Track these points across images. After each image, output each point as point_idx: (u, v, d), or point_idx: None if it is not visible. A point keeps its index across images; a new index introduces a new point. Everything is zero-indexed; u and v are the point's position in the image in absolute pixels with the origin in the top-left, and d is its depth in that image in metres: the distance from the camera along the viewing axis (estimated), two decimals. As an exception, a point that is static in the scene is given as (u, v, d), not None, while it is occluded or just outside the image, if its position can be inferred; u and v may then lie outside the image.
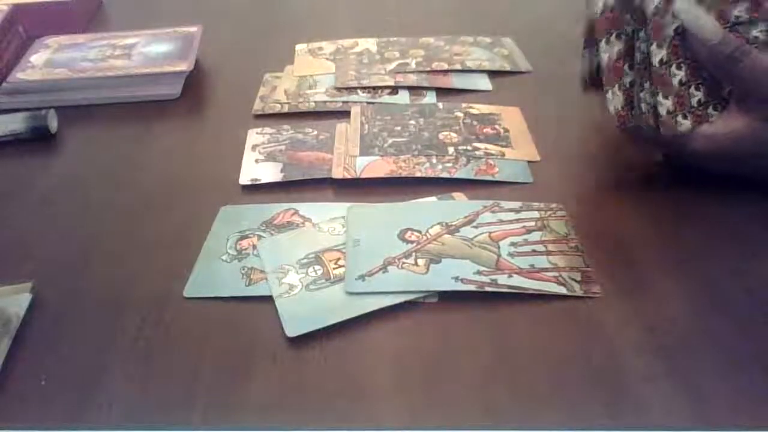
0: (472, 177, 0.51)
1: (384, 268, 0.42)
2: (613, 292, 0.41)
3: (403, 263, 0.42)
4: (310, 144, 0.56)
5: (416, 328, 0.39)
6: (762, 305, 0.39)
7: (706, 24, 0.42)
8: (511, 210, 0.47)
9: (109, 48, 0.71)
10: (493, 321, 0.39)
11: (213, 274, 0.43)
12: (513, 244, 0.44)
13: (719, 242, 0.44)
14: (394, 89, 0.64)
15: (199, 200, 0.50)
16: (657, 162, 0.51)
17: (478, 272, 0.42)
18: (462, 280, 0.41)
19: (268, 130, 0.59)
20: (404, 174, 0.51)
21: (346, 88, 0.64)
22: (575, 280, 0.41)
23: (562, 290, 0.41)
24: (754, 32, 0.42)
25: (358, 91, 0.64)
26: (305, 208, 0.49)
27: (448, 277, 0.41)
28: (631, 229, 0.46)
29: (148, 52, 0.70)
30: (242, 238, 0.46)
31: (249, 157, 0.55)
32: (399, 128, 0.57)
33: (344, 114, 0.60)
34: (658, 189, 0.49)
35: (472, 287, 0.41)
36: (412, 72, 0.66)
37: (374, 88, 0.64)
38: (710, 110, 0.44)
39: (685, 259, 0.43)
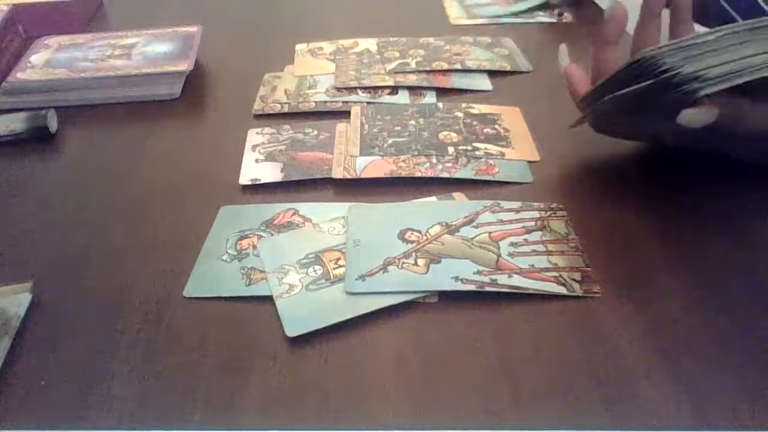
0: (472, 177, 0.51)
1: (384, 268, 0.42)
2: (613, 292, 0.41)
3: (403, 263, 0.42)
4: (310, 144, 0.56)
5: (416, 328, 0.39)
6: (762, 304, 0.39)
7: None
8: (511, 210, 0.47)
9: (109, 48, 0.71)
10: (493, 321, 0.39)
11: (213, 274, 0.43)
12: (513, 244, 0.44)
13: (720, 241, 0.44)
14: (394, 89, 0.64)
15: (199, 200, 0.50)
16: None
17: (478, 272, 0.42)
18: (462, 280, 0.41)
19: (268, 130, 0.59)
20: (404, 174, 0.51)
21: (346, 88, 0.64)
22: (575, 280, 0.41)
23: (562, 290, 0.41)
24: None
25: (358, 91, 0.64)
26: (305, 208, 0.49)
27: (448, 277, 0.41)
28: (631, 228, 0.46)
29: (148, 52, 0.70)
30: (242, 238, 0.46)
31: (249, 157, 0.55)
32: (399, 128, 0.57)
33: (344, 114, 0.60)
34: (659, 189, 0.49)
35: (472, 287, 0.41)
36: (412, 72, 0.66)
37: (374, 88, 0.64)
38: None
39: (685, 259, 0.43)
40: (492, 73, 0.67)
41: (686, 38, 0.40)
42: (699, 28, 0.49)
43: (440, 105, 0.61)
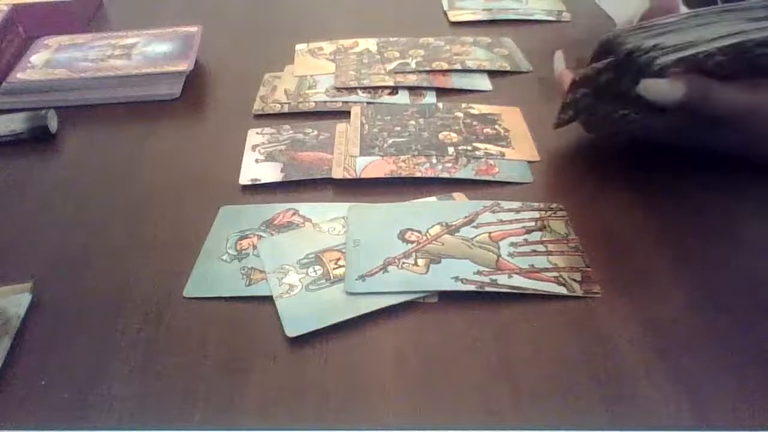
0: (472, 177, 0.51)
1: (384, 268, 0.42)
2: (613, 292, 0.41)
3: (403, 263, 0.42)
4: (310, 144, 0.56)
5: (416, 328, 0.39)
6: (762, 304, 0.39)
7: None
8: (511, 210, 0.47)
9: (109, 48, 0.71)
10: (493, 321, 0.39)
11: (213, 274, 0.43)
12: (513, 244, 0.44)
13: (720, 241, 0.44)
14: (394, 89, 0.64)
15: (199, 200, 0.50)
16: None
17: (478, 272, 0.42)
18: (462, 280, 0.41)
19: (268, 130, 0.59)
20: (404, 174, 0.51)
21: (346, 88, 0.64)
22: (575, 280, 0.41)
23: (562, 290, 0.41)
24: None
25: (358, 91, 0.64)
26: (305, 208, 0.49)
27: (448, 277, 0.41)
28: (631, 228, 0.46)
29: (148, 52, 0.70)
30: (242, 238, 0.46)
31: (249, 157, 0.55)
32: (399, 128, 0.57)
33: (344, 114, 0.60)
34: (659, 189, 0.49)
35: (472, 287, 0.41)
36: (412, 72, 0.66)
37: (374, 88, 0.64)
38: None
39: (685, 259, 0.43)
40: (492, 73, 0.67)
41: (649, 21, 0.45)
42: None
43: (440, 105, 0.61)
